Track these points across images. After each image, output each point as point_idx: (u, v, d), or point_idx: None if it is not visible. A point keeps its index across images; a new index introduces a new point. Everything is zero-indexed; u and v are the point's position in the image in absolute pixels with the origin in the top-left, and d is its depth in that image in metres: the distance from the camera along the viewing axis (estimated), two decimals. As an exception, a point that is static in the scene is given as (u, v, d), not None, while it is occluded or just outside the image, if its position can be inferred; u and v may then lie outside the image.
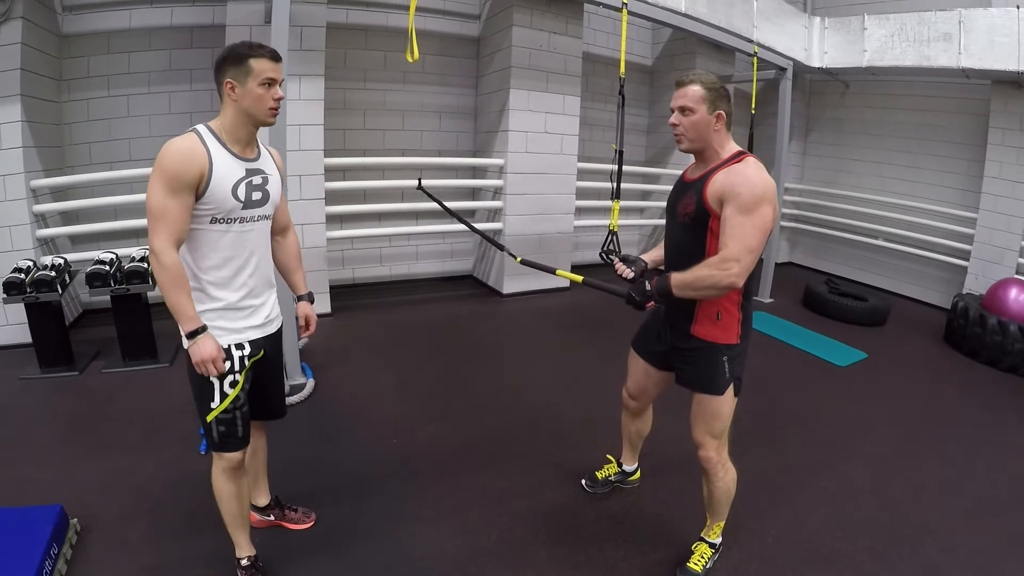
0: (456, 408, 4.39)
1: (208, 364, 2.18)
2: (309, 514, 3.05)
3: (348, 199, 6.62)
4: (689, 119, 2.39)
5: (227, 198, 2.17)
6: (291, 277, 2.77)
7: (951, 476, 3.75)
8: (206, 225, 2.19)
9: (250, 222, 2.29)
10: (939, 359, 6.04)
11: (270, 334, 2.51)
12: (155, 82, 5.85)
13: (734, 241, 2.20)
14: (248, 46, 2.16)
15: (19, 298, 4.43)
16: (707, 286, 2.25)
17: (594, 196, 8.00)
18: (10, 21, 4.75)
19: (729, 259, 2.19)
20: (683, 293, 2.32)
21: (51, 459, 3.54)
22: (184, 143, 2.10)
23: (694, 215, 2.38)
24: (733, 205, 2.22)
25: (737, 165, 2.31)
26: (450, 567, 2.79)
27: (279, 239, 2.68)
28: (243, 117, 2.21)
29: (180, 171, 2.05)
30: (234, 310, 2.32)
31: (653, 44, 9.18)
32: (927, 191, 8.08)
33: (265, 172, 2.34)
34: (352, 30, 6.72)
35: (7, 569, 2.34)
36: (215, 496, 2.49)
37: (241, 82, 2.15)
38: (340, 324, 6.10)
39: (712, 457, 2.61)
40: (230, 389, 2.33)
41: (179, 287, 2.10)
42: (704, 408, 2.56)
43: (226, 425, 2.35)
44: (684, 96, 2.41)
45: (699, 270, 2.26)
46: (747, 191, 2.21)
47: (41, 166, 5.20)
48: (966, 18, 6.61)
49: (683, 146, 2.47)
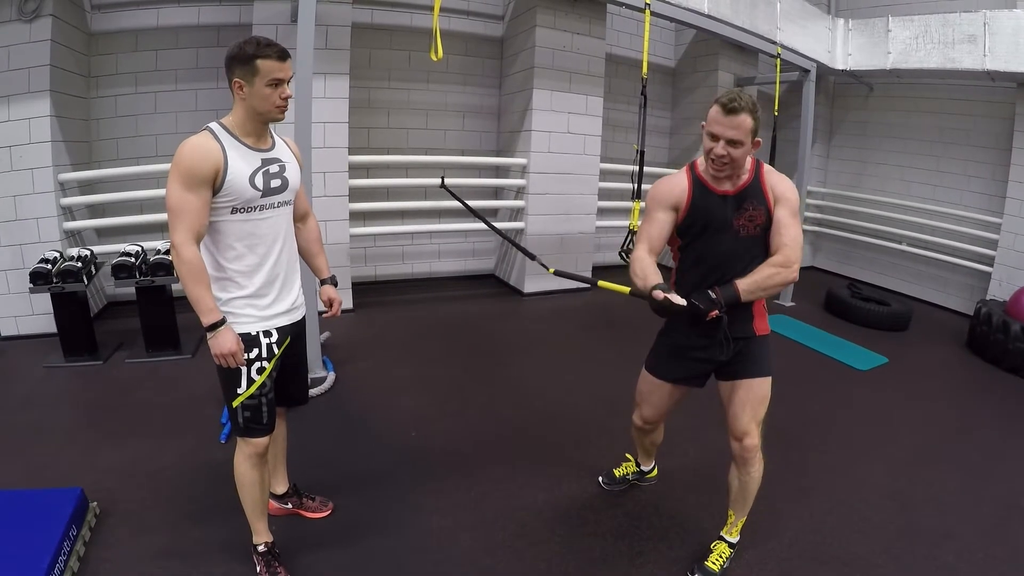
0: (475, 404, 4.41)
1: (228, 357, 2.21)
2: (327, 503, 3.08)
3: (371, 196, 6.68)
4: (739, 151, 2.32)
5: (245, 188, 2.21)
6: (313, 261, 2.81)
7: (971, 482, 3.71)
8: (227, 216, 2.23)
9: (271, 209, 2.33)
10: (961, 365, 5.97)
11: (296, 321, 2.56)
12: (182, 79, 5.94)
13: (792, 241, 2.39)
14: (256, 45, 2.16)
15: (45, 288, 4.51)
16: (775, 285, 2.40)
17: (616, 197, 7.98)
18: (40, 19, 4.85)
19: (792, 258, 2.37)
20: (752, 297, 2.41)
21: (72, 444, 3.60)
22: (198, 140, 2.14)
23: (765, 224, 2.46)
24: (786, 209, 2.42)
25: (772, 172, 2.50)
26: (465, 560, 2.80)
27: (299, 225, 2.69)
28: (252, 114, 2.23)
29: (195, 167, 2.09)
30: (261, 297, 2.36)
31: (676, 45, 9.12)
32: (951, 195, 7.97)
33: (282, 160, 2.37)
34: (377, 30, 6.78)
35: (28, 548, 2.39)
36: (236, 482, 2.52)
37: (249, 81, 2.16)
38: (361, 320, 6.15)
39: (757, 444, 2.60)
40: (257, 375, 2.36)
41: (199, 281, 2.14)
42: (756, 393, 2.58)
43: (252, 411, 2.38)
44: (736, 127, 2.28)
45: (765, 272, 2.38)
46: (793, 195, 2.44)
47: (69, 160, 5.29)
48: (991, 20, 6.53)
49: (724, 174, 2.42)
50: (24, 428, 3.77)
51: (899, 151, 8.65)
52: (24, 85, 4.86)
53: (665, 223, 2.58)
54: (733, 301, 2.37)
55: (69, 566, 2.48)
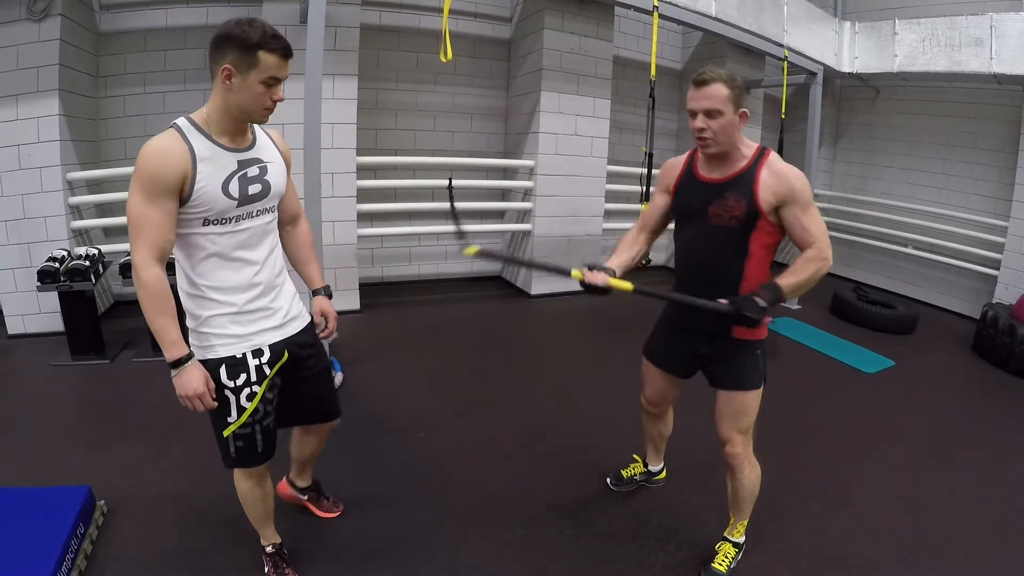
0: (482, 404, 4.41)
1: (195, 400, 1.97)
2: (338, 504, 3.06)
3: (379, 197, 6.68)
4: (718, 122, 2.24)
5: (218, 197, 1.93)
6: (303, 269, 2.53)
7: (977, 485, 3.69)
8: (199, 228, 1.96)
9: (248, 219, 2.05)
10: (967, 368, 5.95)
11: (292, 335, 2.27)
12: (190, 80, 5.94)
13: (819, 232, 2.31)
14: (262, 34, 1.87)
15: (53, 286, 4.52)
16: (818, 278, 2.34)
17: (624, 199, 7.95)
18: (49, 18, 4.86)
19: (824, 248, 2.30)
20: (795, 294, 2.42)
21: (80, 443, 3.62)
22: (162, 142, 1.85)
23: (744, 217, 2.32)
24: (798, 204, 2.30)
25: (777, 165, 2.33)
26: (473, 560, 2.79)
27: (288, 229, 2.44)
28: (234, 110, 1.93)
29: (157, 174, 1.81)
30: (245, 314, 2.10)
31: (683, 48, 9.15)
32: (957, 199, 7.94)
33: (262, 161, 2.08)
34: (385, 32, 6.80)
35: (35, 545, 2.38)
36: (239, 499, 2.40)
37: (242, 73, 1.86)
38: (369, 321, 6.16)
39: (739, 453, 2.59)
40: (247, 402, 2.12)
41: (159, 307, 1.91)
42: (736, 404, 2.54)
43: (244, 440, 2.17)
44: (708, 97, 2.23)
45: (807, 267, 2.31)
46: (801, 187, 2.30)
47: (77, 159, 5.31)
48: (997, 23, 6.52)
49: (711, 150, 2.34)
50: (31, 426, 3.78)
51: (905, 154, 8.62)
52: (33, 84, 4.87)
53: (659, 204, 2.70)
54: (777, 302, 2.31)
55: (76, 564, 2.48)
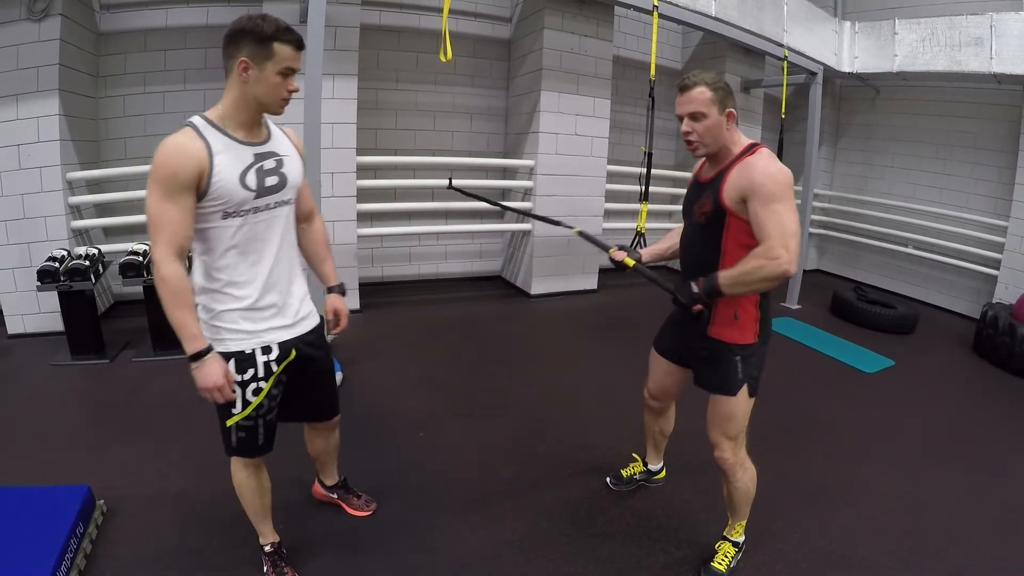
0: (483, 404, 4.41)
1: (215, 392, 2.01)
2: (370, 503, 3.06)
3: (379, 197, 6.69)
4: (703, 124, 2.28)
5: (236, 189, 1.99)
6: (319, 267, 2.57)
7: (977, 484, 3.70)
8: (217, 222, 2.01)
9: (266, 211, 2.10)
10: (967, 368, 5.95)
11: (302, 334, 2.33)
12: (191, 80, 5.95)
13: (774, 228, 2.10)
14: (276, 27, 1.96)
15: (53, 286, 4.52)
16: (759, 279, 2.12)
17: (623, 199, 7.92)
18: (49, 18, 4.86)
19: (775, 247, 2.07)
20: (734, 291, 2.20)
21: (79, 443, 3.61)
22: (178, 140, 1.94)
23: (710, 214, 2.33)
24: (758, 200, 2.15)
25: (750, 158, 2.26)
26: (473, 559, 2.79)
27: (304, 226, 2.48)
28: (249, 102, 2.03)
29: (175, 171, 1.89)
30: (257, 310, 2.15)
31: (683, 48, 9.15)
32: (957, 199, 7.95)
33: (278, 154, 2.14)
34: (385, 32, 6.79)
35: (34, 545, 2.39)
36: (236, 491, 2.45)
37: (259, 64, 1.97)
38: (369, 320, 6.15)
39: (728, 458, 2.58)
40: (253, 396, 2.18)
41: (179, 303, 1.92)
42: (718, 409, 2.53)
43: (247, 432, 2.25)
44: (691, 101, 2.28)
45: (747, 263, 2.14)
46: (770, 183, 2.14)
47: (77, 159, 5.30)
48: (997, 22, 6.53)
49: (700, 153, 2.38)
50: (31, 426, 3.78)
51: (905, 154, 8.63)
52: (33, 84, 4.87)
53: None
54: (713, 293, 2.22)
55: (76, 564, 2.48)
